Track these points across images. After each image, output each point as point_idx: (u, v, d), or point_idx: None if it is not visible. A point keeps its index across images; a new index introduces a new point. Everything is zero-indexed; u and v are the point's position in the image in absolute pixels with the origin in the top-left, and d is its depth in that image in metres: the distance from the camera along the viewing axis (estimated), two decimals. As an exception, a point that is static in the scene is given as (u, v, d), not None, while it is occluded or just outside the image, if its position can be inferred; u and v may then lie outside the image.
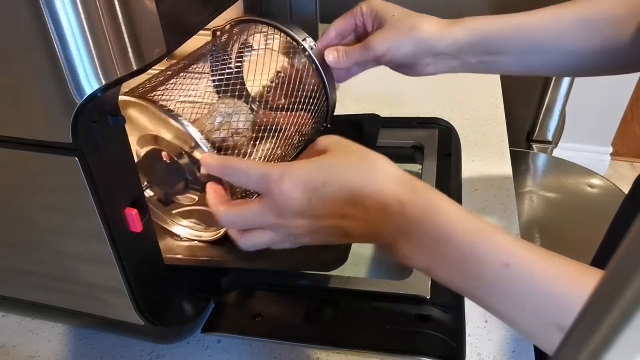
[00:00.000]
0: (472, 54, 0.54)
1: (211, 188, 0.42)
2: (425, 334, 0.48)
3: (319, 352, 0.49)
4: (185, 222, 0.55)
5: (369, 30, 0.56)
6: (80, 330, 0.53)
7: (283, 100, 0.54)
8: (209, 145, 0.45)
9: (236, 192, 0.46)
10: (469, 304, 0.53)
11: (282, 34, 0.56)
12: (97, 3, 0.29)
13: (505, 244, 0.35)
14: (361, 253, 0.61)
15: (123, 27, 0.30)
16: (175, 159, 0.48)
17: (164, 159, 0.48)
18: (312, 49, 0.56)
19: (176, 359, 0.50)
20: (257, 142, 0.52)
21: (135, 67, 0.32)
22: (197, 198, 0.51)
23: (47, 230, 0.41)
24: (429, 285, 0.51)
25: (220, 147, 0.48)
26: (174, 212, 0.54)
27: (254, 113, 0.53)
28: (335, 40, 0.58)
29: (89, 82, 0.31)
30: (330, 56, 0.55)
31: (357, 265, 0.60)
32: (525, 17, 0.54)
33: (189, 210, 0.54)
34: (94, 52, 0.30)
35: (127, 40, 0.31)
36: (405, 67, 0.56)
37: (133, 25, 0.31)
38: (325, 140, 0.40)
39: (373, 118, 0.69)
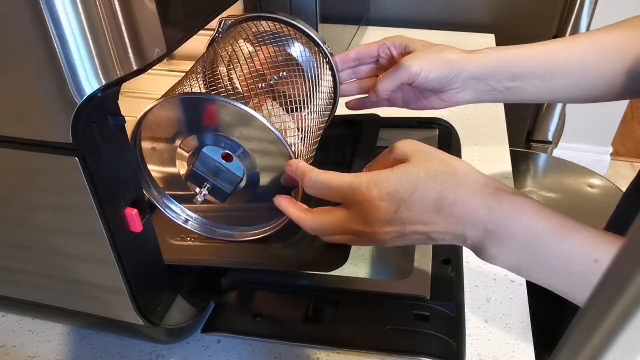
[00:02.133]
0: (499, 79, 0.55)
1: (283, 198, 0.45)
2: (425, 334, 0.48)
3: (319, 352, 0.49)
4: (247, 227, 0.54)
5: (396, 57, 0.58)
6: (80, 330, 0.53)
7: (305, 103, 0.54)
8: (293, 149, 0.45)
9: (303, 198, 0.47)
10: (469, 304, 0.53)
11: (297, 33, 0.56)
12: (97, 3, 0.29)
13: (592, 239, 0.36)
14: (361, 253, 0.61)
15: (123, 27, 0.30)
16: (239, 158, 0.47)
17: (224, 158, 0.48)
18: (331, 55, 0.56)
19: (176, 359, 0.50)
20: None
21: (135, 67, 0.32)
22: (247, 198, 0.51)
23: (47, 230, 0.41)
24: (429, 285, 0.51)
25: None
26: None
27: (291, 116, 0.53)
28: (352, 62, 0.60)
29: (89, 82, 0.31)
30: (372, 96, 0.58)
31: (357, 265, 0.60)
32: (549, 42, 0.56)
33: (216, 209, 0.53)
34: (94, 52, 0.30)
35: (127, 40, 0.31)
36: (434, 94, 0.57)
37: (133, 25, 0.31)
38: (403, 147, 0.42)
39: (373, 118, 0.69)
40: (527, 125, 1.37)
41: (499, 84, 0.55)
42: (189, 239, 0.54)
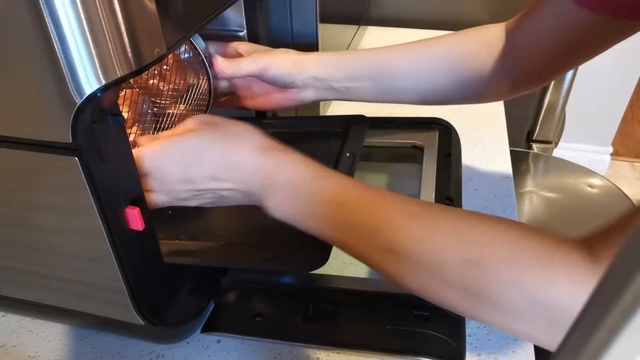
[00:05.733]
0: (337, 79, 0.58)
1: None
2: (425, 334, 0.48)
3: (319, 352, 0.49)
4: None
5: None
6: (80, 330, 0.53)
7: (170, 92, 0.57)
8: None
9: None
10: (469, 304, 0.53)
11: None
12: (97, 3, 0.29)
13: (338, 185, 0.41)
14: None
15: (123, 27, 0.30)
16: None
17: None
18: (207, 56, 0.58)
19: (176, 359, 0.50)
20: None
21: (135, 67, 0.32)
22: None
23: (47, 230, 0.41)
24: (429, 285, 0.51)
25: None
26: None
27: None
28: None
29: (89, 82, 0.31)
30: (220, 61, 0.59)
31: (357, 265, 0.60)
32: (387, 47, 0.59)
33: None
34: (94, 52, 0.30)
35: (127, 40, 0.31)
36: (280, 91, 0.60)
37: (133, 25, 0.31)
38: (194, 120, 0.46)
39: (359, 119, 0.68)
40: (527, 125, 1.37)
41: (337, 84, 0.58)
42: (188, 238, 0.54)
